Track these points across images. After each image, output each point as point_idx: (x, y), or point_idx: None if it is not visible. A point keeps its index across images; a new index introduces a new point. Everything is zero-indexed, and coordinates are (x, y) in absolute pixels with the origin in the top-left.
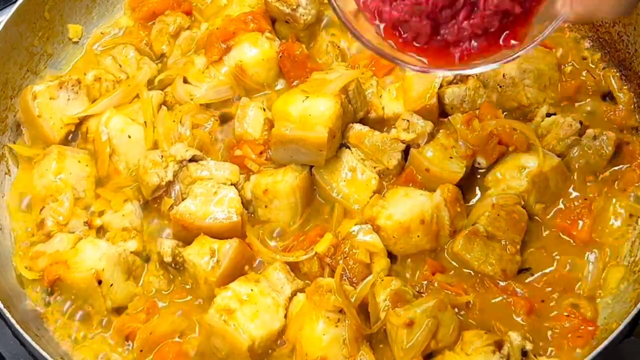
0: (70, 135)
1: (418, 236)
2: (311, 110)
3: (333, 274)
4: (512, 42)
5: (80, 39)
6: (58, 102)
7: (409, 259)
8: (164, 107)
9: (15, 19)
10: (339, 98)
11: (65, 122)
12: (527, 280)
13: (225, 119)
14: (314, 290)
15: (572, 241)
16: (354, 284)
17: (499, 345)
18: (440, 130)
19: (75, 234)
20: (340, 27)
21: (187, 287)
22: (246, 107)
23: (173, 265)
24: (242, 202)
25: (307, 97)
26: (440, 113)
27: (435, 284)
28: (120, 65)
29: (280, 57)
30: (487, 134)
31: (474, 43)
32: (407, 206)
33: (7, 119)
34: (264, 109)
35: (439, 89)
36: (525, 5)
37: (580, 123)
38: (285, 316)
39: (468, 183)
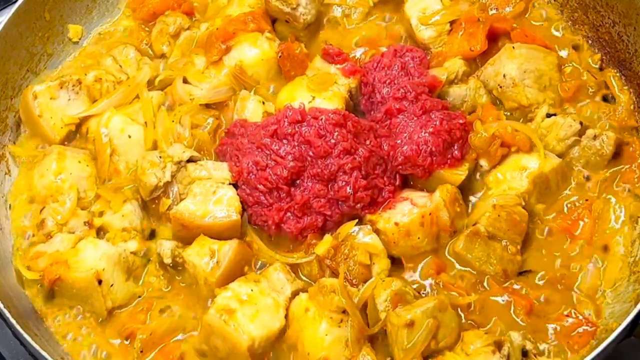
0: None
1: (418, 238)
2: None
3: (333, 275)
4: None
5: (80, 39)
6: (59, 102)
7: (410, 260)
8: (162, 107)
9: (15, 19)
10: (344, 100)
11: (66, 122)
12: (527, 281)
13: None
14: (318, 291)
15: (572, 241)
16: (354, 285)
17: (499, 345)
18: None
19: (76, 234)
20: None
21: (187, 287)
22: (245, 99)
23: (172, 266)
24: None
25: (314, 97)
26: None
27: (440, 284)
28: (121, 66)
29: (280, 56)
30: (490, 136)
31: None
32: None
33: (7, 119)
34: (263, 102)
35: (441, 88)
36: None
37: (581, 124)
38: (286, 316)
39: (469, 183)
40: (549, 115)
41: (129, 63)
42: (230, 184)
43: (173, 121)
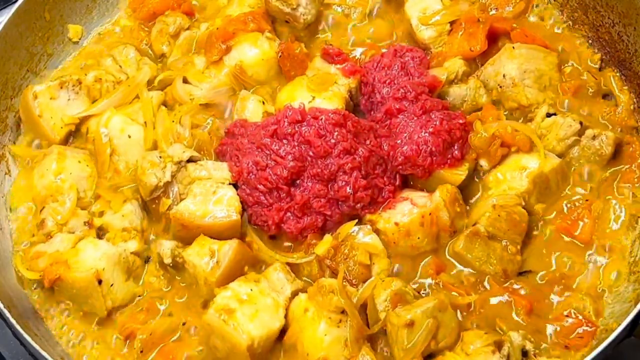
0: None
1: (418, 238)
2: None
3: (333, 275)
4: None
5: (80, 39)
6: (59, 102)
7: (411, 260)
8: (163, 107)
9: (15, 19)
10: (344, 100)
11: (66, 122)
12: (527, 281)
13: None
14: (317, 291)
15: (572, 241)
16: (354, 285)
17: (499, 345)
18: None
19: (76, 234)
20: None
21: (187, 287)
22: (245, 99)
23: (172, 266)
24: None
25: (314, 97)
26: None
27: (440, 284)
28: (121, 66)
29: (280, 56)
30: (490, 136)
31: None
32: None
33: (7, 119)
34: (263, 102)
35: (441, 88)
36: None
37: (580, 123)
38: (286, 316)
39: (469, 183)
40: (549, 115)
41: (129, 63)
42: (230, 184)
43: (173, 121)
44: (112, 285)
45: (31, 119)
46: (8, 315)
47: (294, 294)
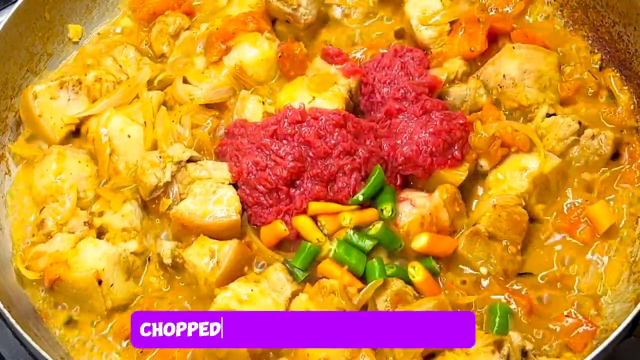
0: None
1: None
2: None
3: None
4: None
5: (80, 39)
6: (59, 102)
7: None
8: (163, 107)
9: (15, 19)
10: (344, 100)
11: (66, 122)
12: (527, 281)
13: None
14: (317, 291)
15: (572, 241)
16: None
17: (499, 345)
18: None
19: (76, 234)
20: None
21: (187, 287)
22: (245, 99)
23: (172, 266)
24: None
25: (314, 97)
26: None
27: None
28: (121, 66)
29: (280, 56)
30: (490, 136)
31: None
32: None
33: (7, 119)
34: (263, 102)
35: (441, 88)
36: None
37: (580, 123)
38: None
39: (469, 183)
40: (549, 115)
41: (129, 63)
42: (230, 184)
43: (173, 121)
44: (112, 285)
45: (31, 119)
46: (8, 315)
47: (294, 294)
